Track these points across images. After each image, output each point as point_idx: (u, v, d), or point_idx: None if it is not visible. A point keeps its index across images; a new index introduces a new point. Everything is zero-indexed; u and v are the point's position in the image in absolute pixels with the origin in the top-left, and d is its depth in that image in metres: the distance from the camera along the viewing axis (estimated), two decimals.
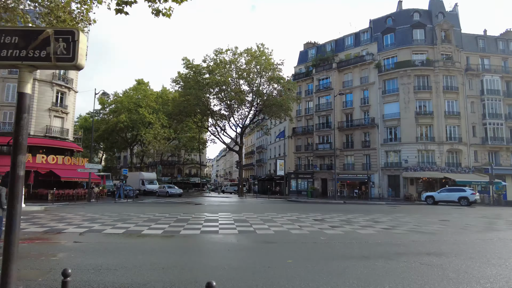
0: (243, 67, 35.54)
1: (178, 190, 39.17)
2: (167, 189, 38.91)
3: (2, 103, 32.45)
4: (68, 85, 35.45)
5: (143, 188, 40.92)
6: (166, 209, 19.07)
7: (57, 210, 17.44)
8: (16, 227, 2.33)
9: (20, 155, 2.37)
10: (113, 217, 14.23)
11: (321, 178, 47.71)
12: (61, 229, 10.46)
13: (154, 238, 9.57)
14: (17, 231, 2.34)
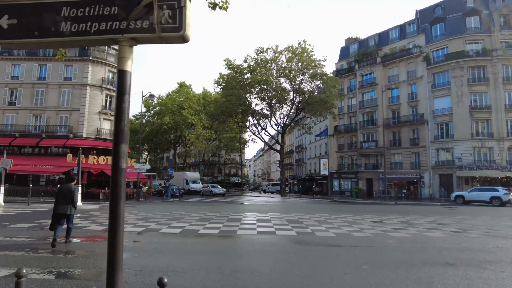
0: (284, 65, 34.96)
1: (221, 189, 39.37)
2: (210, 189, 39.16)
3: (58, 107, 34.50)
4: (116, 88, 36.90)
5: (187, 187, 41.58)
6: (214, 208, 19.00)
7: (107, 210, 17.96)
8: (119, 228, 1.99)
9: (122, 144, 2.02)
10: (165, 216, 14.29)
11: (365, 178, 45.82)
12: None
13: (212, 238, 9.32)
14: (121, 233, 2.00)
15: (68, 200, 7.84)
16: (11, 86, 34.95)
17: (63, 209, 7.79)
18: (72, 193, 7.88)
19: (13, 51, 35.56)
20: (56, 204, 7.88)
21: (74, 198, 7.91)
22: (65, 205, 7.80)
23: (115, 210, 2.00)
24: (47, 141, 33.44)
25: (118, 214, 2.00)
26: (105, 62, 35.86)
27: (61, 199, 7.84)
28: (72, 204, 7.90)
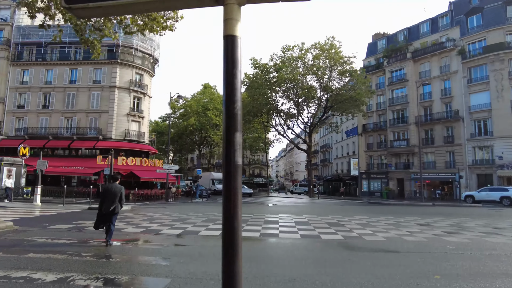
0: (311, 63, 34.10)
1: (249, 190, 38.99)
2: None
3: (88, 110, 35.20)
4: (143, 90, 37.35)
5: (214, 187, 40.97)
6: (246, 210, 18.51)
7: (143, 210, 17.87)
8: (237, 240, 1.45)
9: (236, 133, 1.49)
10: (200, 217, 13.95)
11: (396, 178, 44.11)
12: (157, 230, 10.24)
13: (255, 242, 8.81)
14: (239, 244, 1.45)
15: (114, 199, 7.84)
16: (45, 90, 36.02)
17: (109, 208, 7.77)
18: (118, 192, 7.94)
19: (47, 56, 36.69)
20: (102, 204, 7.89)
21: (122, 197, 7.99)
22: (112, 204, 7.79)
23: (231, 219, 1.47)
24: (77, 143, 34.19)
25: (235, 223, 1.47)
26: (132, 64, 36.30)
27: (107, 198, 7.84)
28: (120, 203, 7.96)
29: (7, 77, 36.41)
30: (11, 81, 36.37)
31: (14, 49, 36.69)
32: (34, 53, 37.01)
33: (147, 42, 38.27)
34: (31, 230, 9.49)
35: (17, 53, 36.81)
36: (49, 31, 35.17)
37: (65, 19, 10.81)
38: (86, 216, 13.68)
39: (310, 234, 10.02)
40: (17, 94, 36.28)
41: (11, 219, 11.83)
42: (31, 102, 35.85)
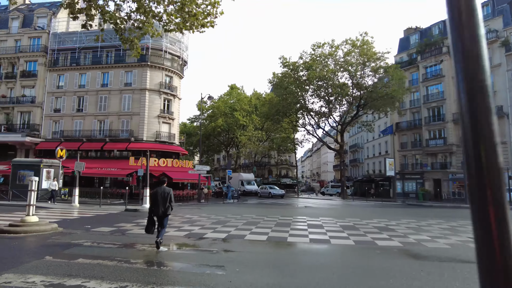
0: (342, 60, 33.01)
1: (280, 191, 38.51)
2: (269, 190, 38.23)
3: (120, 112, 35.84)
4: (173, 92, 37.61)
5: (243, 188, 40.68)
6: (282, 212, 17.95)
7: (179, 211, 17.64)
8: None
9: (492, 116, 0.90)
10: (239, 219, 13.52)
11: (432, 178, 42.03)
12: (201, 234, 9.86)
13: (310, 248, 8.20)
14: None
15: (165, 202, 7.97)
16: (79, 94, 37.05)
17: (161, 210, 7.91)
18: (168, 195, 8.09)
19: (80, 60, 37.75)
20: (153, 207, 8.01)
21: (171, 199, 8.16)
22: (163, 207, 7.93)
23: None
24: (110, 144, 34.86)
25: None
26: (161, 66, 36.64)
27: (157, 201, 7.95)
28: (170, 205, 8.09)
29: (45, 82, 37.75)
30: (48, 86, 37.68)
31: (51, 55, 38.00)
32: (68, 58, 38.18)
33: (175, 44, 38.57)
34: (76, 232, 9.35)
35: (53, 59, 38.11)
36: (83, 35, 35.79)
37: (105, 19, 10.64)
38: (125, 218, 13.57)
39: (363, 240, 9.31)
40: (54, 98, 37.53)
41: (54, 220, 11.86)
42: (66, 106, 36.97)
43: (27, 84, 37.96)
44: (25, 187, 26.72)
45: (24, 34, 39.04)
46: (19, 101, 37.41)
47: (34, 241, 8.07)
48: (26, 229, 8.89)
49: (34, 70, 38.08)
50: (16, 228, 8.89)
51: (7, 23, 39.92)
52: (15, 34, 39.42)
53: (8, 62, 38.81)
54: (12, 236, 8.48)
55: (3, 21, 40.29)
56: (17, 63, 38.52)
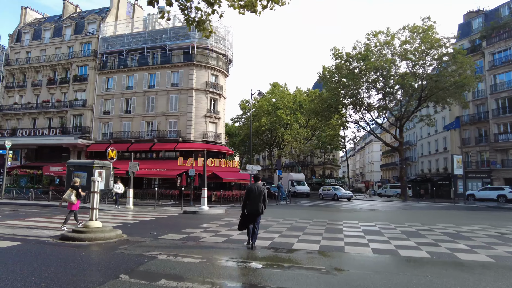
0: (400, 48, 30.10)
1: (347, 192, 34.72)
2: (334, 192, 34.52)
3: (167, 113, 35.58)
4: (219, 91, 36.78)
5: (293, 189, 38.92)
6: (356, 216, 15.95)
7: (235, 214, 16.28)
8: None
9: None
10: (313, 225, 11.85)
11: (503, 177, 37.61)
12: (287, 244, 8.29)
13: (442, 268, 6.31)
14: None
15: (258, 200, 7.65)
16: (127, 95, 37.39)
17: (254, 208, 7.60)
18: (262, 192, 7.74)
19: (128, 62, 38.12)
20: (247, 204, 7.76)
21: (265, 197, 7.80)
22: (257, 204, 7.61)
23: None
24: (158, 145, 34.69)
25: None
26: (207, 65, 35.93)
27: (251, 198, 7.67)
28: (263, 203, 7.74)
29: (95, 85, 38.57)
30: (98, 89, 38.44)
31: (100, 59, 38.76)
32: (116, 61, 38.72)
33: (220, 41, 37.76)
34: (143, 241, 8.17)
35: (102, 63, 38.85)
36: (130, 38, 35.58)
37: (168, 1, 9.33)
38: (188, 222, 12.42)
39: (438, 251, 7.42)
40: (103, 100, 38.20)
41: (113, 225, 10.91)
42: (114, 108, 37.44)
43: (79, 88, 39.01)
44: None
45: (76, 40, 40.25)
46: (71, 105, 38.53)
47: (101, 251, 6.95)
48: (90, 236, 7.84)
49: (85, 74, 39.06)
50: (80, 235, 7.87)
51: (61, 31, 41.46)
52: (68, 41, 40.79)
53: (62, 68, 40.21)
54: (77, 244, 7.45)
55: (58, 29, 41.94)
56: (70, 68, 39.78)
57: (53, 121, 39.40)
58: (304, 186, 40.64)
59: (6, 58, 43.57)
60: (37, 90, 40.91)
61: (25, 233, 8.92)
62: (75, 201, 10.38)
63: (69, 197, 10.32)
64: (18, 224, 10.63)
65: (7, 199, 22.84)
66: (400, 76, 28.64)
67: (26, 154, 40.33)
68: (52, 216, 13.79)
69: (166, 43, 36.61)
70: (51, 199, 21.90)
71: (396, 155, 73.14)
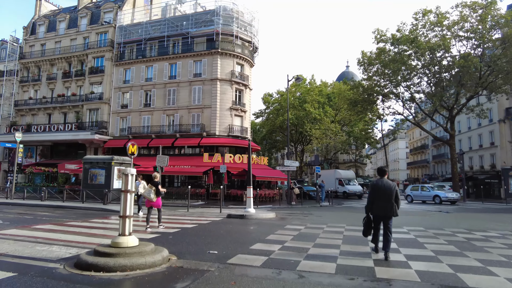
0: (454, 28, 26.29)
1: (454, 193, 26.41)
2: (435, 192, 26.15)
3: (190, 106, 32.77)
4: (244, 82, 33.77)
5: (342, 189, 34.77)
6: (425, 221, 12.60)
7: (292, 219, 13.16)
8: None
9: None
10: (415, 235, 8.58)
11: None
12: (397, 262, 5.16)
13: None
14: None
15: (388, 198, 6.26)
16: (146, 88, 34.77)
17: (384, 209, 6.26)
18: (393, 190, 6.33)
19: (146, 52, 35.48)
20: (372, 204, 6.47)
21: (397, 195, 6.39)
22: (387, 204, 6.25)
23: None
24: (181, 140, 31.92)
25: None
26: (232, 53, 32.94)
27: (378, 197, 6.34)
28: (396, 203, 6.33)
29: (112, 77, 36.11)
30: (115, 81, 35.97)
31: (117, 49, 36.29)
32: (134, 51, 36.17)
33: (246, 28, 34.71)
34: (209, 270, 5.07)
35: (119, 53, 36.36)
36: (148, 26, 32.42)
37: None
38: (243, 230, 9.41)
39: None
40: (121, 93, 35.71)
41: (149, 236, 7.94)
42: (133, 101, 34.90)
43: (95, 80, 36.63)
44: (97, 186, 24.21)
45: (92, 30, 37.92)
46: (87, 99, 36.17)
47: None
48: (124, 262, 4.83)
49: (101, 66, 36.64)
50: (107, 260, 4.87)
51: (77, 22, 39.26)
52: (84, 32, 38.52)
53: (78, 60, 37.94)
54: (102, 279, 4.45)
55: (73, 20, 39.77)
56: (85, 60, 37.48)
57: (69, 116, 37.14)
58: (355, 185, 35.85)
59: (20, 52, 41.66)
60: (52, 84, 38.75)
61: (25, 252, 6.03)
62: (155, 198, 9.49)
63: (148, 194, 9.41)
64: (20, 235, 7.79)
65: (17, 199, 20.35)
66: (461, 57, 24.82)
67: (41, 151, 38.24)
68: (66, 221, 10.97)
69: (187, 30, 33.78)
70: (65, 199, 19.23)
71: (426, 152, 68.90)
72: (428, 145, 64.66)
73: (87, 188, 21.12)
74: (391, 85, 29.46)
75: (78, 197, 20.45)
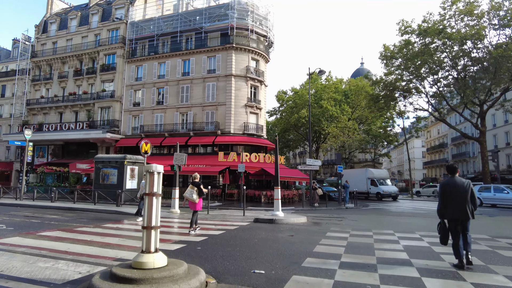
0: (486, 17, 24.46)
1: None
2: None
3: (204, 103, 31.60)
4: (260, 78, 32.44)
5: (374, 190, 31.66)
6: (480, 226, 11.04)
7: (327, 224, 11.77)
8: None
9: None
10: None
11: None
12: None
13: None
14: None
15: (463, 198, 5.46)
16: (158, 85, 33.74)
17: (459, 211, 5.48)
18: (468, 188, 5.51)
19: (159, 48, 34.46)
20: (445, 207, 5.65)
21: (473, 194, 5.53)
22: (462, 205, 5.47)
23: None
24: (195, 139, 30.75)
25: None
26: (248, 48, 31.65)
27: (452, 198, 5.55)
28: (472, 202, 5.51)
29: (123, 75, 35.21)
30: (127, 79, 35.06)
31: (129, 46, 35.37)
32: (146, 48, 35.18)
33: (261, 22, 33.38)
34: None
35: (131, 50, 35.43)
36: (161, 21, 31.26)
37: None
38: (278, 238, 8.06)
39: None
40: (132, 91, 34.77)
41: (174, 247, 6.66)
42: (145, 99, 33.92)
43: (107, 78, 35.77)
44: (109, 187, 23.15)
45: (103, 27, 37.12)
46: (99, 97, 35.33)
47: None
48: None
49: (113, 63, 35.77)
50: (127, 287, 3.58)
51: (88, 19, 38.53)
52: (95, 29, 37.74)
53: (89, 57, 37.15)
54: None
55: (84, 17, 39.07)
56: (97, 58, 36.66)
57: (80, 115, 36.38)
58: (390, 185, 32.71)
59: (32, 50, 41.17)
60: (64, 82, 38.07)
61: (24, 270, 4.81)
62: (197, 199, 9.10)
63: (190, 195, 9.04)
64: (22, 246, 6.60)
65: (27, 199, 19.42)
66: (498, 46, 22.98)
67: (53, 150, 37.59)
68: (76, 227, 9.79)
69: (201, 25, 32.61)
70: (76, 200, 18.18)
71: (445, 151, 66.44)
72: (447, 144, 62.35)
73: (98, 189, 20.10)
74: (416, 80, 27.68)
75: (89, 198, 19.42)
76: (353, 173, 35.59)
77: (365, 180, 32.81)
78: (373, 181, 32.49)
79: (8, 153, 41.99)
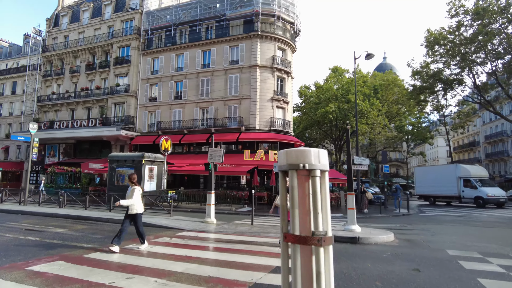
0: None
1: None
2: None
3: (226, 97, 28.88)
4: (287, 69, 29.53)
5: (472, 193, 24.29)
6: None
7: (420, 240, 8.83)
8: None
9: None
10: None
11: None
12: None
13: None
14: None
15: None
16: (176, 78, 31.18)
17: None
18: None
19: (176, 39, 31.88)
20: None
21: None
22: None
23: None
24: (217, 136, 27.78)
25: None
26: (274, 36, 28.79)
27: None
28: None
29: (138, 68, 32.77)
30: (142, 72, 32.62)
31: (144, 37, 32.93)
32: (163, 38, 32.68)
33: (288, 7, 30.47)
34: None
35: (146, 41, 32.99)
36: (178, 9, 27.60)
37: None
38: (395, 271, 5.21)
39: None
40: (148, 85, 32.29)
41: None
42: (162, 94, 31.39)
43: (120, 72, 33.40)
44: (124, 189, 20.41)
45: (117, 18, 34.80)
46: (112, 92, 32.98)
47: None
48: None
49: (127, 55, 33.37)
50: None
51: (101, 11, 36.29)
52: (108, 20, 35.48)
53: (102, 50, 34.86)
54: None
55: (97, 9, 36.84)
56: (110, 51, 34.34)
57: (93, 111, 34.11)
58: (495, 187, 25.42)
59: (43, 45, 39.20)
60: (75, 77, 35.91)
61: None
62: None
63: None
64: None
65: (32, 205, 16.97)
66: None
67: (64, 149, 35.44)
68: (87, 252, 7.01)
69: (222, 12, 29.91)
70: (88, 206, 15.59)
71: (476, 149, 62.19)
72: (479, 142, 58.20)
73: (113, 192, 17.47)
74: (467, 68, 24.31)
75: (102, 202, 16.86)
76: (434, 170, 29.38)
77: (455, 180, 25.65)
78: (468, 181, 25.07)
79: (19, 152, 40.12)
